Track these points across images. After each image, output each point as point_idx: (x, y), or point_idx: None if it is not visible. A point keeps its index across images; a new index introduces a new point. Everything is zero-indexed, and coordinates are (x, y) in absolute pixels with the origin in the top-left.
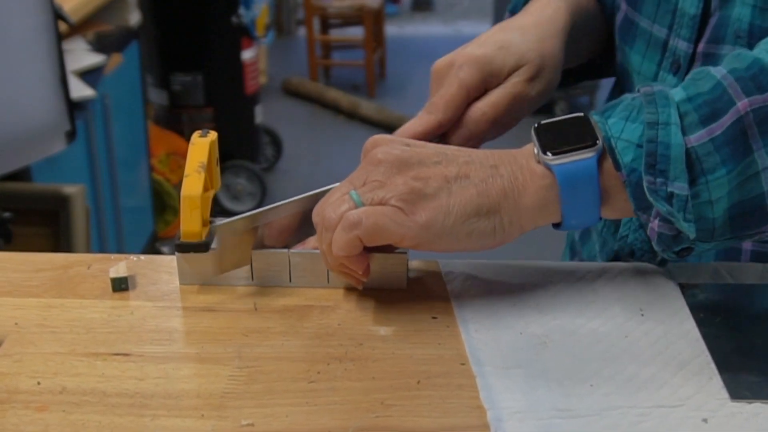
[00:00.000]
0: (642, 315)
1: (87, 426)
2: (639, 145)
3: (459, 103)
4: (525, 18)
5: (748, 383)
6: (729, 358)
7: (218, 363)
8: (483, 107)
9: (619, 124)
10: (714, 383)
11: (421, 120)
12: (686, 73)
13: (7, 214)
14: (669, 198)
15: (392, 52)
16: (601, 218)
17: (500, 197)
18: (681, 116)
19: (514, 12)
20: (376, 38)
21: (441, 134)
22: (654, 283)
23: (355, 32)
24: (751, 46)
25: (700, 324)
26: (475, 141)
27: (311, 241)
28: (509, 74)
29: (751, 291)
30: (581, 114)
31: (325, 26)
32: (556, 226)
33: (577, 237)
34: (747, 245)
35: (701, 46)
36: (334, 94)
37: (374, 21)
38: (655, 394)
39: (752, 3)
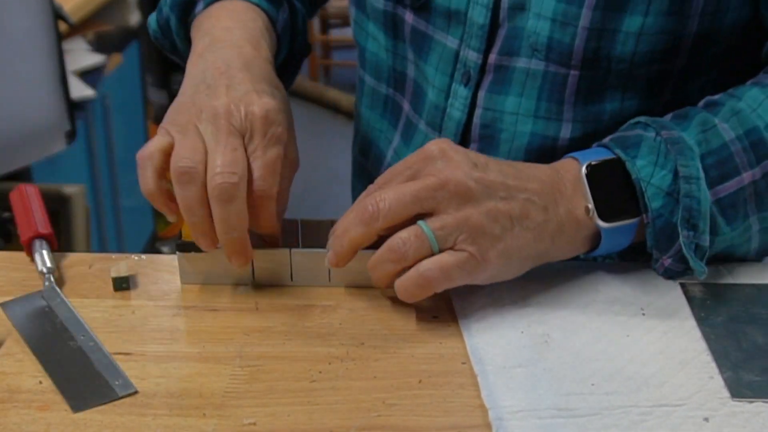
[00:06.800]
0: (643, 314)
1: (89, 425)
2: (668, 194)
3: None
4: (233, 52)
5: (749, 382)
6: (730, 357)
7: (220, 362)
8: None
9: (648, 169)
10: (715, 382)
11: None
12: (477, 84)
13: (7, 214)
14: (696, 249)
15: None
16: None
17: (549, 243)
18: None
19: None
20: None
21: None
22: (655, 282)
23: None
24: (549, 60)
25: (701, 323)
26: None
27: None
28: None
29: (752, 290)
30: (621, 157)
31: (325, 26)
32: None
33: None
34: None
35: (492, 58)
36: (334, 94)
37: None
38: (656, 393)
39: (551, 17)
